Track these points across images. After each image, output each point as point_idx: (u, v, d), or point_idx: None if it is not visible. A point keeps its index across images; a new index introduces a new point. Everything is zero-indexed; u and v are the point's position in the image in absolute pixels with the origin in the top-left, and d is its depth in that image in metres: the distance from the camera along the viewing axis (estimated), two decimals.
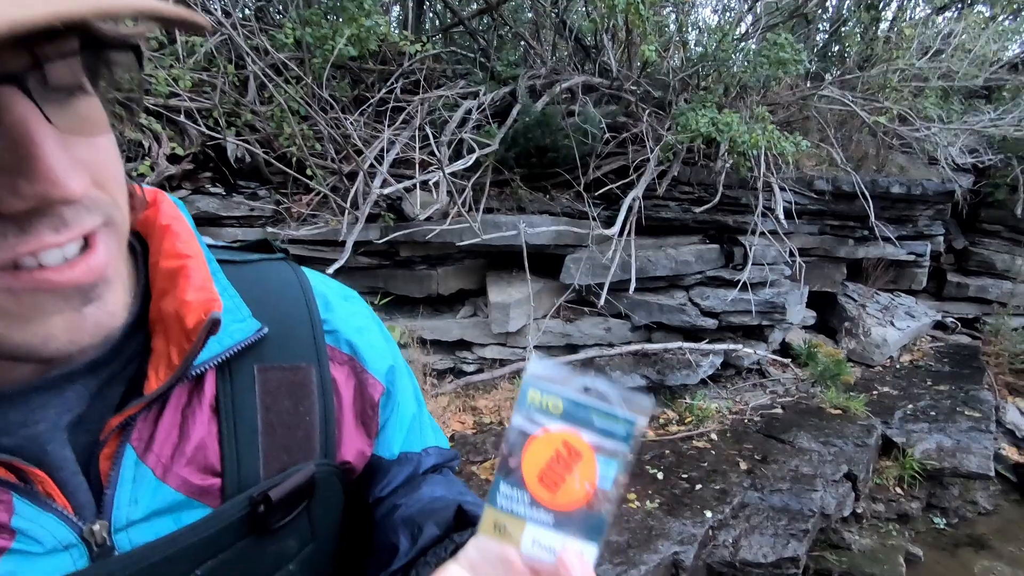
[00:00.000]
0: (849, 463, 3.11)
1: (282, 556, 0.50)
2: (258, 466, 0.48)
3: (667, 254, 3.86)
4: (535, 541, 0.41)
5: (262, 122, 3.20)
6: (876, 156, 4.67)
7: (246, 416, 0.48)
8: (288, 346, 0.53)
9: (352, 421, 0.57)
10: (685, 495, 2.74)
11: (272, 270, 0.58)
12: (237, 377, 0.49)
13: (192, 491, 0.45)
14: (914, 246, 5.27)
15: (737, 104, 3.96)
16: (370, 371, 0.59)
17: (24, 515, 0.39)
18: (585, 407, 0.41)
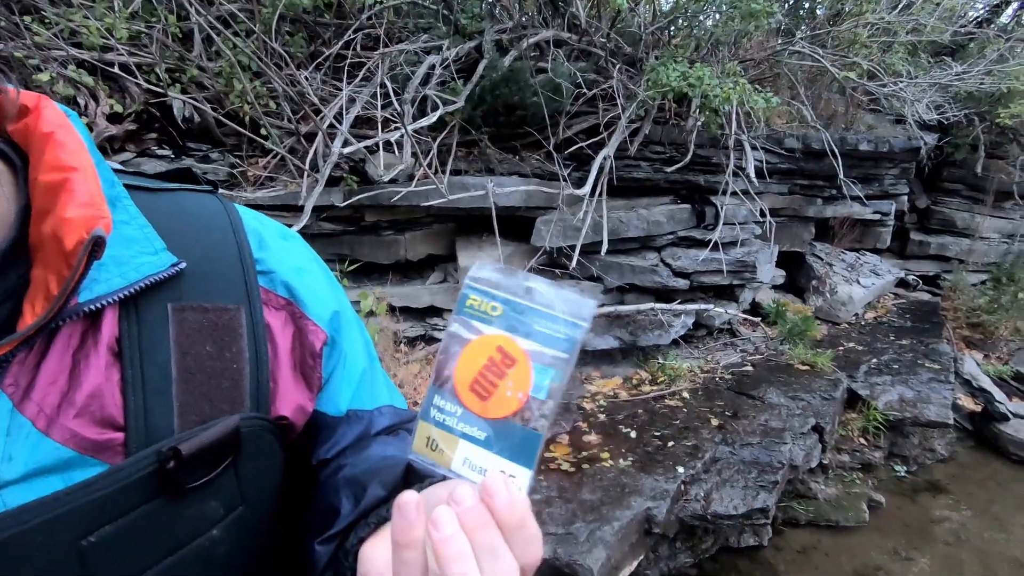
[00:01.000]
0: (816, 416, 3.18)
1: (203, 521, 0.43)
2: (171, 417, 0.42)
3: (639, 215, 3.81)
4: (466, 460, 0.37)
5: (210, 79, 2.99)
6: (845, 114, 4.67)
7: (156, 361, 0.41)
8: (211, 285, 0.46)
9: (290, 372, 0.50)
10: (658, 452, 2.76)
11: (194, 201, 0.50)
12: (146, 317, 0.42)
13: (85, 447, 0.38)
14: (880, 205, 5.34)
15: (709, 60, 3.88)
16: (311, 316, 0.52)
17: None
18: (524, 310, 0.37)
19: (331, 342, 0.53)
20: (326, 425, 0.54)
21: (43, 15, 2.55)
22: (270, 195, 2.96)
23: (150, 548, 0.40)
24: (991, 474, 3.76)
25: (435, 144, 3.36)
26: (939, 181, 6.21)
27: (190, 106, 2.93)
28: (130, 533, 0.39)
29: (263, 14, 2.96)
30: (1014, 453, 3.88)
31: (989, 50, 4.62)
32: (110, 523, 0.38)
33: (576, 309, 0.37)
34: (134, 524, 0.39)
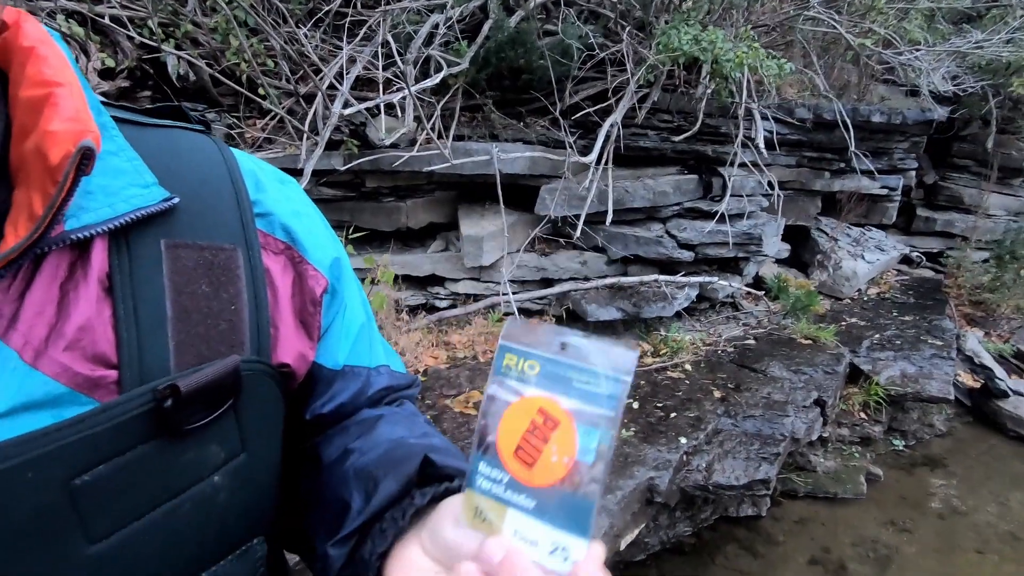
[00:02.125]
0: (819, 390, 3.17)
1: (202, 466, 0.40)
2: (167, 356, 0.39)
3: (645, 185, 3.74)
4: (517, 531, 0.35)
5: (205, 35, 2.88)
6: (858, 84, 4.56)
7: (150, 298, 0.39)
8: (206, 223, 0.43)
9: (291, 318, 0.48)
10: (660, 423, 2.75)
11: (187, 139, 0.47)
12: (138, 252, 0.39)
13: (77, 382, 0.36)
14: (888, 180, 5.26)
15: (721, 23, 3.75)
16: (311, 262, 0.50)
17: None
18: (563, 366, 0.35)
19: (332, 290, 0.52)
20: (322, 378, 0.52)
21: None
22: (268, 157, 2.88)
23: (147, 491, 0.38)
24: (988, 449, 3.78)
25: (438, 108, 3.26)
26: (948, 157, 6.11)
27: (185, 63, 2.82)
28: (125, 474, 0.36)
29: None
30: (1012, 430, 3.89)
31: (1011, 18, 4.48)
32: (103, 463, 0.35)
33: (616, 362, 0.35)
34: (129, 465, 0.37)
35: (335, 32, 3.28)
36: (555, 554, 0.33)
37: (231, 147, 0.51)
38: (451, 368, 3.08)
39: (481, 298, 3.58)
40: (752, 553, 2.78)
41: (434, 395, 2.79)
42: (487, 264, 3.52)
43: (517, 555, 0.33)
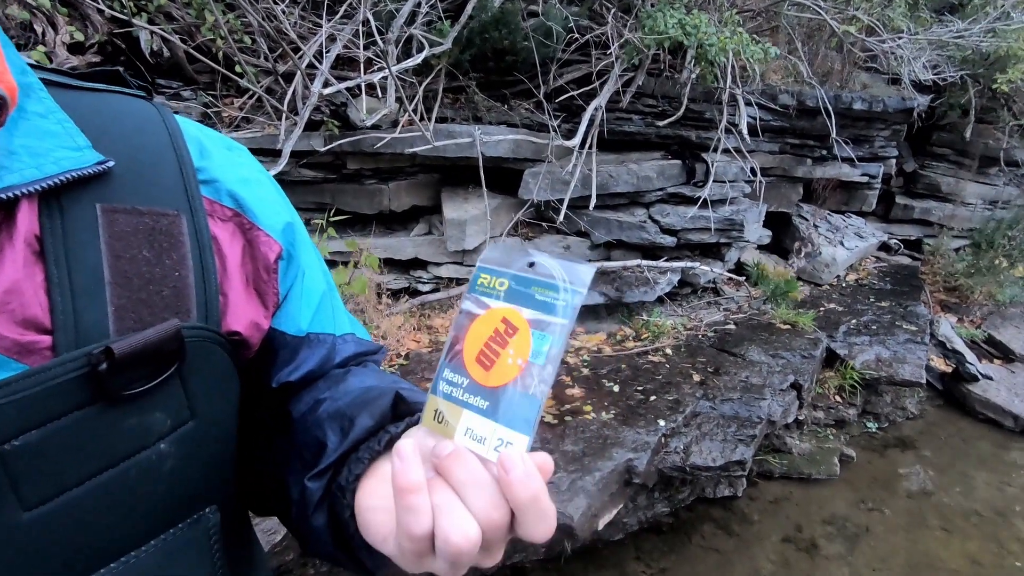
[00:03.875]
0: (796, 374, 3.23)
1: (146, 433, 0.39)
2: (105, 322, 0.38)
3: (629, 169, 3.74)
4: (469, 430, 0.37)
5: (179, 9, 2.80)
6: (841, 72, 4.58)
7: (86, 262, 0.38)
8: (147, 188, 0.42)
9: (241, 285, 0.47)
10: (640, 406, 2.79)
11: (124, 103, 0.46)
12: (71, 216, 0.38)
13: (7, 347, 0.35)
14: (868, 167, 5.32)
15: (707, 7, 3.74)
16: (262, 227, 0.49)
17: None
18: (527, 281, 0.39)
19: (286, 256, 0.51)
20: (285, 345, 0.52)
21: None
22: (246, 137, 2.82)
23: (86, 458, 0.37)
24: (957, 432, 3.90)
25: (420, 89, 3.22)
26: (928, 145, 6.19)
27: (158, 39, 2.74)
28: (59, 440, 0.35)
29: None
30: (980, 412, 4.01)
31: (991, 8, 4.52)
32: (36, 428, 0.34)
33: (574, 276, 0.38)
34: (63, 431, 0.35)
35: (314, 9, 3.21)
36: (499, 448, 0.36)
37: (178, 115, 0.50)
38: (433, 352, 3.08)
39: (464, 282, 3.57)
40: (728, 532, 2.84)
41: (415, 379, 2.79)
42: (470, 248, 3.51)
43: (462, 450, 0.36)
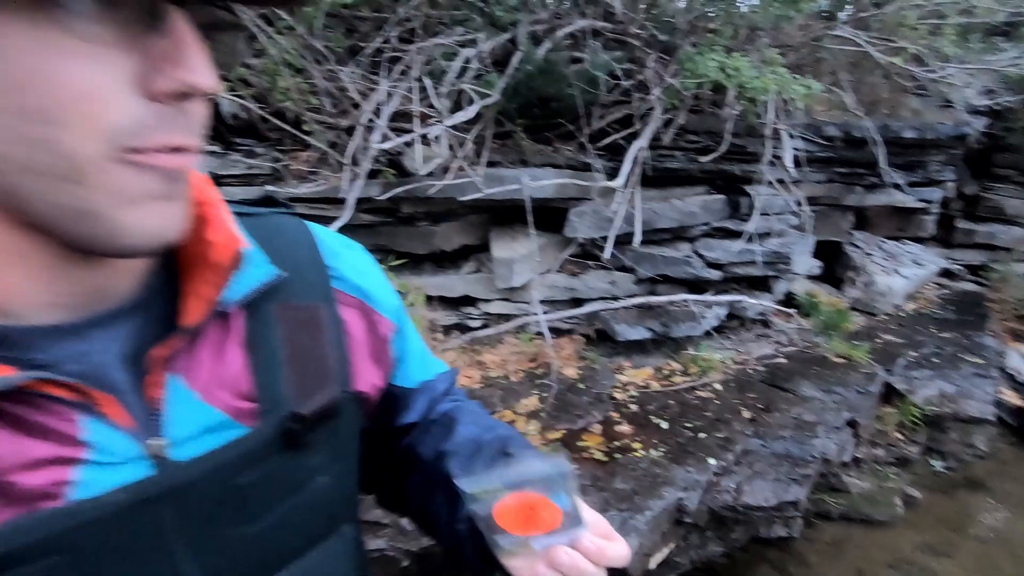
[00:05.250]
0: (851, 410, 3.16)
1: (314, 468, 0.54)
2: (287, 392, 0.52)
3: (672, 205, 3.80)
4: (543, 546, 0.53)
5: (255, 76, 3.10)
6: (889, 100, 4.53)
7: (271, 348, 0.52)
8: (300, 287, 0.56)
9: (366, 357, 0.61)
10: (689, 443, 2.80)
11: (280, 222, 0.60)
12: (261, 315, 0.52)
13: (233, 412, 0.49)
14: (924, 192, 5.17)
15: (747, 47, 3.81)
16: (379, 311, 0.63)
17: (94, 431, 0.42)
18: (520, 476, 0.53)
19: (398, 331, 0.66)
20: (403, 396, 0.69)
21: None
22: (313, 190, 3.06)
23: (281, 488, 0.52)
24: None
25: (470, 136, 3.41)
26: (989, 167, 5.95)
27: (236, 103, 3.04)
28: (267, 476, 0.50)
29: (305, 13, 3.04)
30: None
31: None
32: (253, 469, 0.49)
33: (553, 459, 0.54)
34: (271, 469, 0.50)
35: (373, 68, 3.47)
36: None
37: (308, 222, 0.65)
38: (485, 387, 3.19)
39: (513, 318, 3.69)
40: (784, 574, 2.78)
41: None
42: (518, 285, 3.64)
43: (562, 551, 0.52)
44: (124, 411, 0.43)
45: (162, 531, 0.44)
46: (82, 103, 0.33)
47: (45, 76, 0.32)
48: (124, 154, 0.36)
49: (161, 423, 0.45)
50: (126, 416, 0.43)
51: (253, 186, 3.18)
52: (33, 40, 0.31)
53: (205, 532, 0.46)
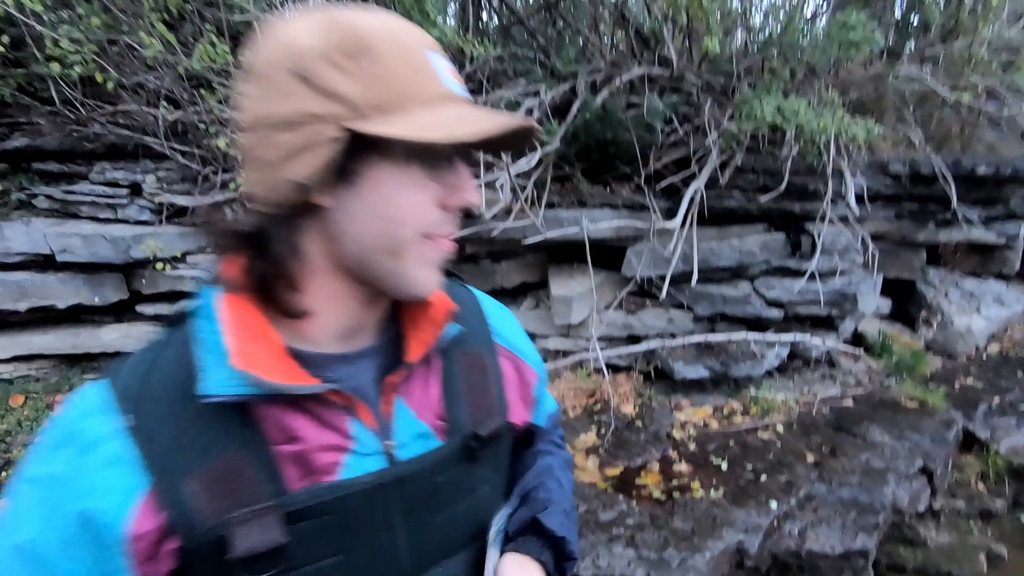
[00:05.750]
0: (925, 458, 3.03)
1: (481, 480, 0.69)
2: (466, 418, 0.67)
3: (730, 244, 3.83)
4: None
5: None
6: (961, 134, 4.40)
7: (457, 384, 0.68)
8: (473, 340, 0.72)
9: (516, 397, 0.76)
10: (750, 486, 2.77)
11: (456, 288, 0.78)
12: (450, 358, 0.68)
13: (432, 427, 0.64)
14: (1006, 227, 4.92)
15: (805, 88, 3.84)
16: (527, 362, 0.79)
17: (356, 430, 0.58)
18: None
19: (540, 379, 0.81)
20: (537, 430, 0.84)
21: (213, 86, 3.08)
22: None
23: (460, 490, 0.66)
24: None
25: (531, 180, 3.60)
26: None
27: None
28: (453, 479, 0.64)
29: None
30: None
31: None
32: (446, 471, 0.64)
33: None
34: (454, 474, 0.65)
35: None
36: None
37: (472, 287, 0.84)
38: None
39: (570, 354, 3.79)
40: None
41: None
42: (576, 322, 3.74)
43: None
44: (373, 418, 0.59)
45: (389, 508, 0.59)
46: (414, 213, 0.55)
47: (399, 198, 0.54)
48: (424, 239, 0.56)
49: (392, 429, 0.61)
50: (374, 422, 0.59)
51: None
52: (397, 178, 0.53)
53: (413, 513, 0.61)
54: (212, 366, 0.51)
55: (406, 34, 0.53)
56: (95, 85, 2.98)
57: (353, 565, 0.57)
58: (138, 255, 3.05)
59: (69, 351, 3.14)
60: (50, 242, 2.97)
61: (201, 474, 0.51)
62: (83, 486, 0.49)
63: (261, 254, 0.53)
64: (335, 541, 0.56)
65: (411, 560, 0.61)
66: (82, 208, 3.21)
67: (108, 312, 3.27)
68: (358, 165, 0.51)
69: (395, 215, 0.54)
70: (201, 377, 0.51)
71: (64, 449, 0.51)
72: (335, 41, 0.50)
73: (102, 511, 0.49)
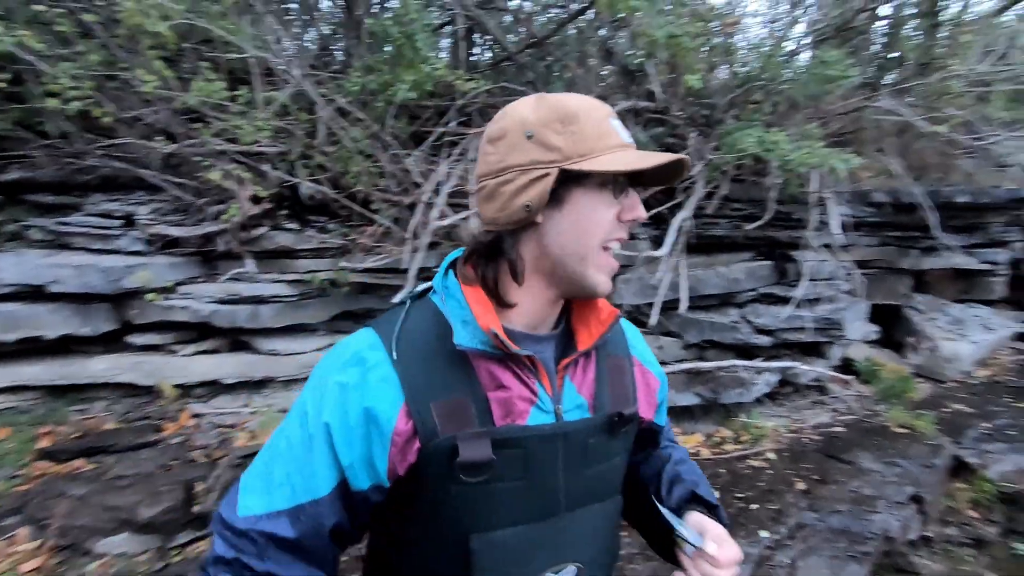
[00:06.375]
0: (915, 484, 3.03)
1: (617, 451, 0.88)
2: (608, 401, 0.86)
3: (718, 272, 3.88)
4: None
5: (331, 162, 3.49)
6: (939, 164, 4.51)
7: (604, 375, 0.87)
8: (618, 348, 0.92)
9: (643, 398, 0.94)
10: (740, 515, 2.76)
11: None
12: (601, 355, 0.88)
13: (587, 402, 0.83)
14: (988, 254, 5.02)
15: (786, 120, 3.96)
16: (652, 372, 0.98)
17: (540, 390, 0.79)
18: None
19: (662, 385, 0.99)
20: (657, 431, 1.02)
21: (208, 120, 3.15)
22: (379, 263, 3.36)
23: (602, 454, 0.84)
24: None
25: None
26: None
27: (313, 187, 3.42)
28: (599, 445, 0.83)
29: (376, 107, 3.44)
30: None
31: None
32: (594, 437, 0.82)
33: None
34: (599, 442, 0.83)
35: (433, 151, 3.82)
36: None
37: None
38: None
39: None
40: None
41: None
42: None
43: None
44: (550, 385, 0.80)
45: (555, 455, 0.78)
46: (602, 226, 0.77)
47: (592, 214, 0.76)
48: (603, 251, 0.78)
49: (561, 397, 0.80)
50: (550, 388, 0.80)
51: (324, 259, 3.51)
52: (591, 200, 0.76)
53: (570, 464, 0.79)
54: (462, 327, 0.75)
55: (595, 108, 0.78)
56: (91, 119, 3.04)
57: (530, 488, 0.77)
58: (129, 285, 3.07)
59: (57, 382, 3.12)
60: (41, 273, 2.98)
61: (438, 403, 0.74)
62: (367, 393, 0.74)
63: (491, 261, 0.79)
64: (521, 467, 0.76)
65: (566, 497, 0.80)
66: (75, 239, 3.23)
67: (97, 342, 3.27)
68: (565, 193, 0.75)
69: (587, 227, 0.76)
70: (456, 332, 0.75)
71: (353, 367, 0.76)
72: (550, 114, 0.75)
73: (380, 411, 0.73)
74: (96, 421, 3.10)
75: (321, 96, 3.32)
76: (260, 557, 0.74)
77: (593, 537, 0.85)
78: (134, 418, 3.19)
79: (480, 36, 4.77)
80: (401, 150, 3.59)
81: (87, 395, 3.21)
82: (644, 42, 3.09)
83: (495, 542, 0.75)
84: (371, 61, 3.45)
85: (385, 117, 3.42)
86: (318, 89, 3.35)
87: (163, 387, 3.12)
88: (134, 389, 3.23)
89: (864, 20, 4.22)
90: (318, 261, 3.50)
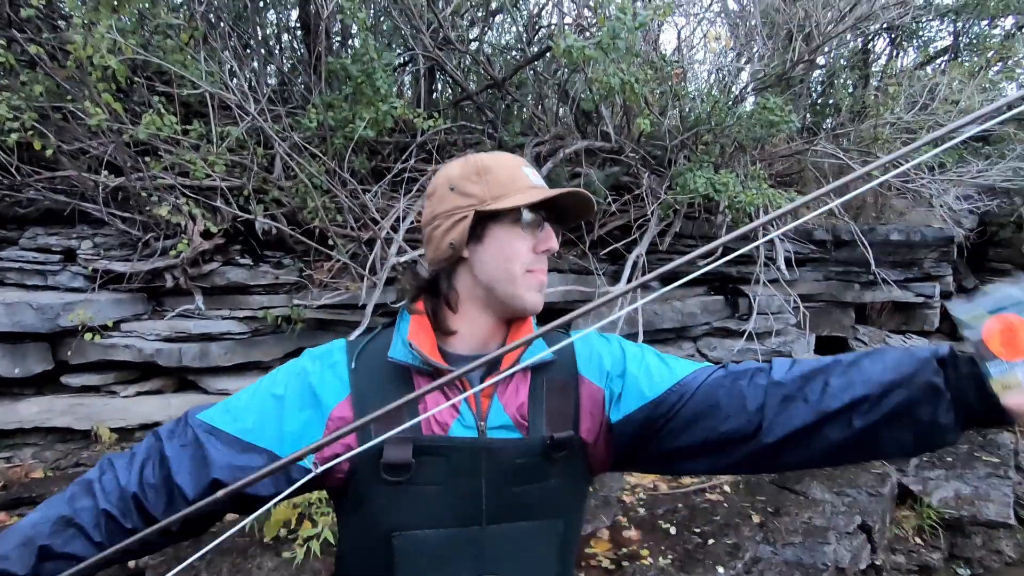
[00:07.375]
0: (863, 514, 3.12)
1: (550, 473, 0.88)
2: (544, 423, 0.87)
3: (673, 307, 3.98)
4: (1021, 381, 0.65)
5: (288, 197, 3.45)
6: (875, 203, 4.81)
7: (540, 397, 0.89)
8: (563, 369, 0.91)
9: (588, 413, 0.91)
10: (698, 550, 2.77)
11: (558, 336, 0.96)
12: (539, 377, 0.89)
13: (517, 424, 0.86)
14: (922, 288, 5.32)
15: (733, 162, 4.15)
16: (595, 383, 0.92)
17: (463, 406, 0.85)
18: (996, 303, 0.67)
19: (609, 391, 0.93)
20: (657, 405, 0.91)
21: (159, 154, 3.08)
22: (335, 299, 3.30)
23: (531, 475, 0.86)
24: None
25: None
26: (986, 260, 6.14)
27: (269, 222, 3.36)
28: (527, 465, 0.85)
29: (334, 143, 3.43)
30: None
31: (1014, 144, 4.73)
32: (523, 458, 0.85)
33: None
34: (531, 462, 0.85)
35: (392, 187, 3.83)
36: None
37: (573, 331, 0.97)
38: None
39: None
40: None
41: None
42: None
43: None
44: (475, 402, 0.86)
45: (478, 467, 0.83)
46: (520, 255, 0.87)
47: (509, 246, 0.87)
48: (527, 271, 0.87)
49: (487, 414, 0.85)
50: (474, 405, 0.86)
51: (279, 295, 3.43)
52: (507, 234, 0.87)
53: (494, 479, 0.84)
54: (401, 345, 0.87)
55: (508, 160, 0.91)
56: (32, 150, 2.93)
57: (449, 495, 0.83)
58: (66, 324, 2.92)
59: None
60: None
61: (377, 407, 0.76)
62: (320, 379, 0.87)
63: (433, 295, 0.92)
64: (442, 474, 0.83)
65: (488, 508, 0.84)
66: (8, 275, 3.07)
67: (30, 384, 3.08)
68: (483, 230, 0.87)
69: (508, 255, 0.87)
70: (392, 347, 0.88)
71: (318, 360, 0.90)
72: (468, 169, 0.89)
73: (324, 393, 0.86)
74: (22, 469, 2.89)
75: (277, 134, 3.29)
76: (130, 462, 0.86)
77: (524, 557, 0.87)
78: (66, 465, 3.00)
79: (441, 74, 4.86)
80: (360, 186, 3.58)
81: (14, 441, 3.00)
82: (599, 87, 3.21)
83: (416, 540, 0.83)
84: (330, 98, 3.46)
85: (345, 153, 3.42)
86: (274, 126, 3.33)
87: (100, 431, 2.95)
88: (69, 433, 3.04)
89: (802, 71, 4.51)
90: (272, 297, 3.42)
